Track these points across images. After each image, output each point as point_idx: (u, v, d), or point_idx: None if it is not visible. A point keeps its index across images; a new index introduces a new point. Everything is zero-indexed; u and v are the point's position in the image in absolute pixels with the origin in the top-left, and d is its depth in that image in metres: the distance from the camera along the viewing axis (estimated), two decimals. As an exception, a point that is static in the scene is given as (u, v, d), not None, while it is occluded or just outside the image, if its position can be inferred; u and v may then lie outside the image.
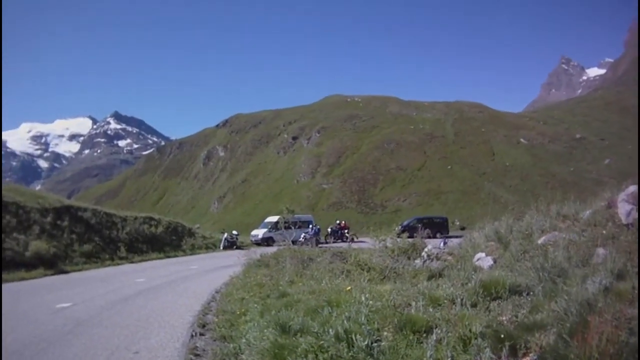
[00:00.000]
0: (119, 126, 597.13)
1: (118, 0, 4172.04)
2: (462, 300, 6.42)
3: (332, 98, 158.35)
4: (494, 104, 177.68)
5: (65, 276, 18.81)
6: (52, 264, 19.88)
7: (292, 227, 19.97)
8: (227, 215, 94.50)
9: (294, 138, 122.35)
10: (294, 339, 5.99)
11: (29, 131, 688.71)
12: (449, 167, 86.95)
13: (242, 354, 6.55)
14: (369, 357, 5.00)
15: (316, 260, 14.81)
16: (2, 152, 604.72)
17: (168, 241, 32.32)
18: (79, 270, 20.78)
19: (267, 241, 37.24)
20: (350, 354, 5.09)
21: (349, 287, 8.71)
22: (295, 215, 20.20)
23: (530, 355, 4.36)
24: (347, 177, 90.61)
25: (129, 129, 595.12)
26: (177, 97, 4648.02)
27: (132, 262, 24.90)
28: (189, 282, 16.48)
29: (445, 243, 17.77)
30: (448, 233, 39.36)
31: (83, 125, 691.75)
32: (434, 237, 29.30)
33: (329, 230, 41.20)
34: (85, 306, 11.34)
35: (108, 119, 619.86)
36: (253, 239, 39.41)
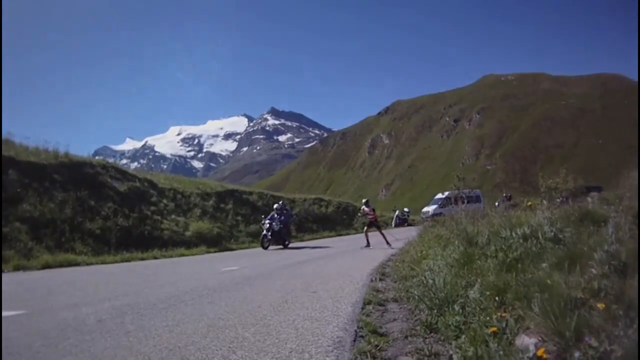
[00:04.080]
0: (277, 122, 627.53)
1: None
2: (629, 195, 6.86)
3: (487, 78, 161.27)
4: (631, 74, 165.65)
5: (231, 252, 19.93)
6: (215, 243, 21.18)
7: (463, 200, 19.45)
8: (396, 202, 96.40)
9: (456, 121, 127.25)
10: (481, 250, 6.51)
11: (179, 134, 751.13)
12: (600, 141, 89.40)
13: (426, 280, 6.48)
14: (557, 245, 5.33)
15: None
16: (151, 156, 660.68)
17: (339, 220, 33.80)
18: (246, 248, 21.98)
19: (438, 217, 37.34)
20: (538, 247, 5.47)
21: (530, 203, 9.28)
22: (464, 190, 19.69)
23: None
24: (509, 157, 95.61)
25: (289, 123, 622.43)
26: (335, 88, 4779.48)
27: (301, 241, 25.94)
28: (363, 251, 16.91)
29: None
30: None
31: (238, 123, 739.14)
32: None
33: (497, 203, 41.58)
34: (254, 268, 11.71)
35: (265, 116, 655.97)
36: (424, 216, 39.89)
